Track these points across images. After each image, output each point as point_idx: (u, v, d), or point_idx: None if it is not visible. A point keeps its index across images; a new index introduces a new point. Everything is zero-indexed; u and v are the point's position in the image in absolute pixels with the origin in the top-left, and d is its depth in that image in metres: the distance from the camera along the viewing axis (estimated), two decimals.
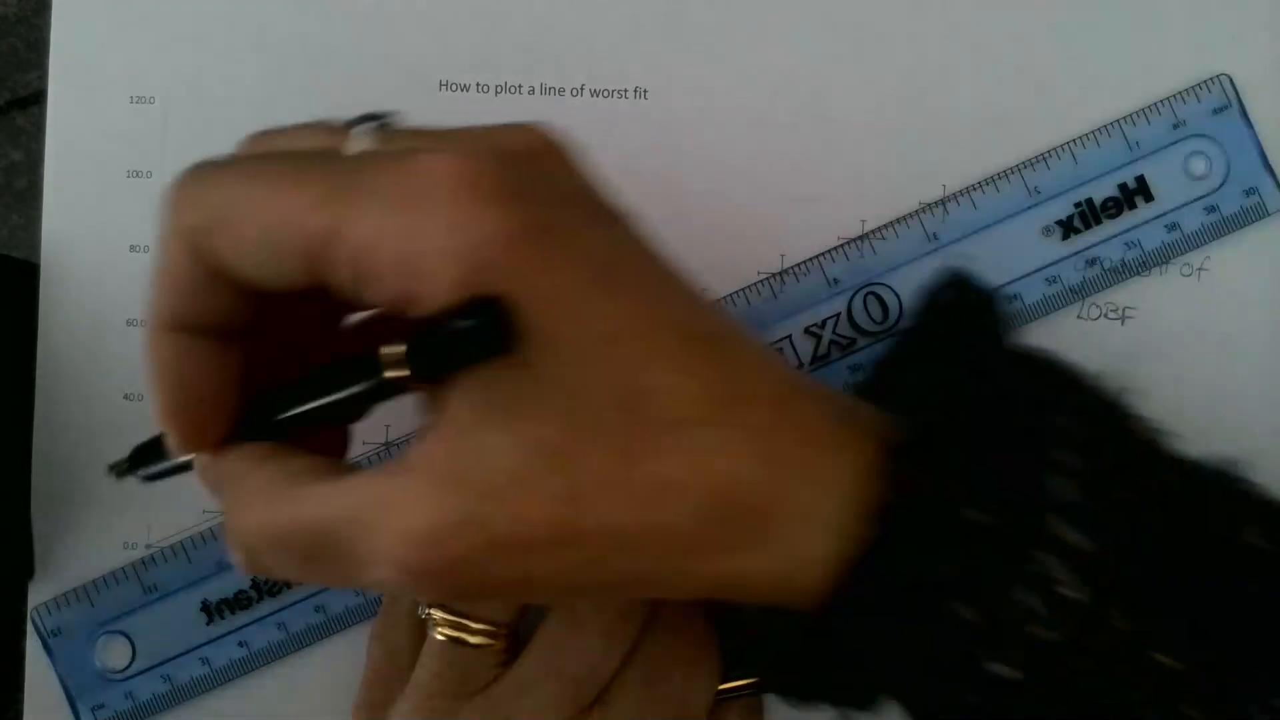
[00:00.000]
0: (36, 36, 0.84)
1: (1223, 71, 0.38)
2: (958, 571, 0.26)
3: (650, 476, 0.25)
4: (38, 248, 0.38)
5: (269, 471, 0.27)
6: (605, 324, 0.25)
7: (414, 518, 0.24)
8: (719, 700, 0.34)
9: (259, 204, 0.25)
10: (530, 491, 0.24)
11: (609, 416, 0.24)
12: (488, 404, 0.24)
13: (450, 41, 0.39)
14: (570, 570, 0.25)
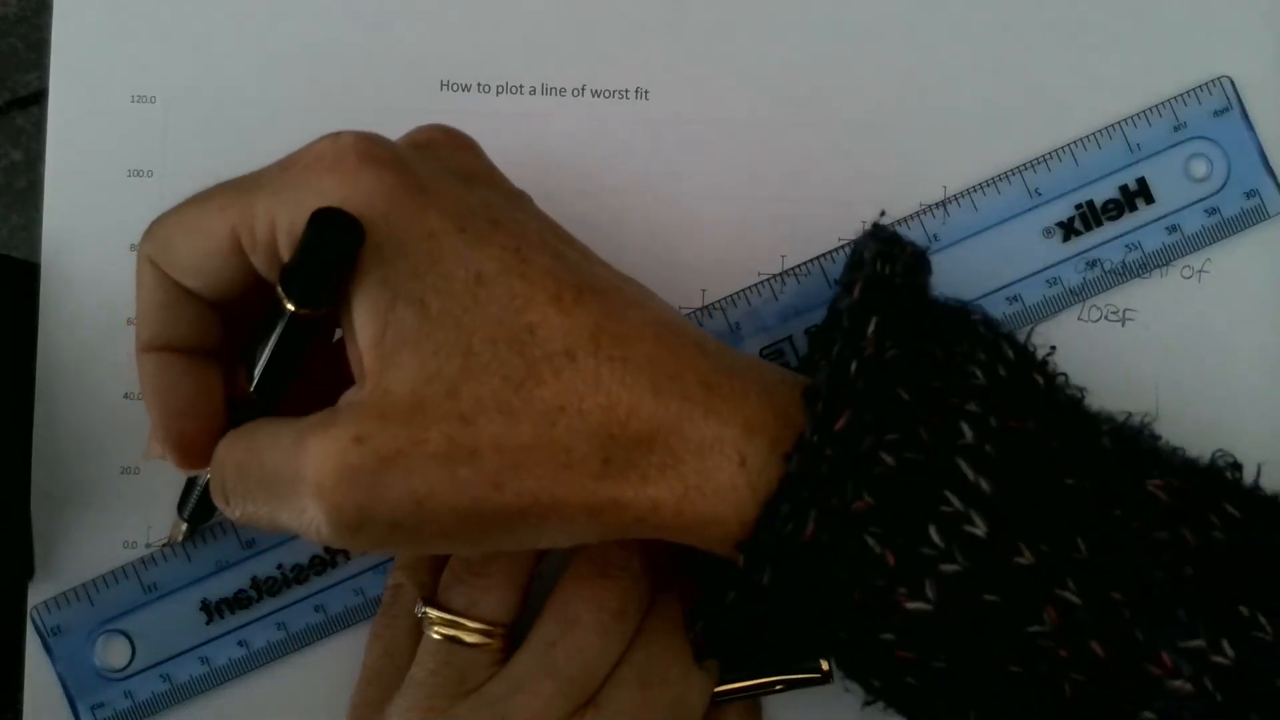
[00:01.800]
0: (37, 36, 0.84)
1: (1224, 74, 0.38)
2: (871, 509, 0.27)
3: (541, 401, 0.27)
4: (38, 248, 0.38)
5: (243, 436, 0.30)
6: (473, 267, 0.27)
7: (325, 445, 0.27)
8: (717, 701, 0.34)
9: (183, 224, 0.30)
10: (426, 414, 0.27)
11: (497, 350, 0.27)
12: (389, 345, 0.27)
13: (451, 41, 0.39)
14: (468, 490, 0.27)
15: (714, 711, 0.34)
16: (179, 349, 0.31)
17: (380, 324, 0.27)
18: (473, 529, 0.28)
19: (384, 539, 0.28)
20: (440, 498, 0.27)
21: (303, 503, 0.27)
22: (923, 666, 0.29)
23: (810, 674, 0.34)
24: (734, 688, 0.34)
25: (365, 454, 0.26)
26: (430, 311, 0.27)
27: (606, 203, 0.38)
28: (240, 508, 0.30)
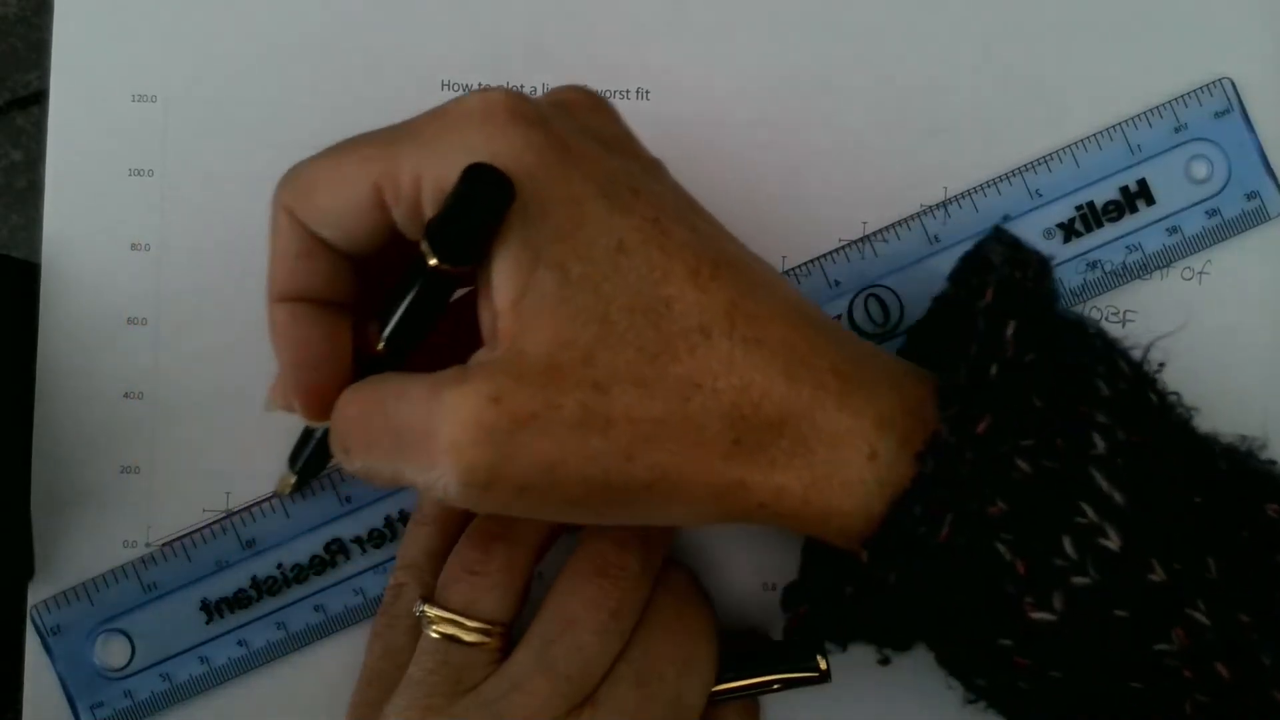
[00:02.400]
0: (37, 36, 0.84)
1: (1224, 75, 0.38)
2: (1004, 516, 0.27)
3: (675, 377, 0.27)
4: (38, 248, 0.38)
5: (370, 387, 0.30)
6: (615, 234, 0.27)
7: (461, 401, 0.26)
8: (715, 700, 0.34)
9: (325, 174, 0.30)
10: (561, 379, 0.27)
11: (634, 321, 0.27)
12: (527, 307, 0.27)
13: (452, 41, 0.39)
14: (599, 460, 0.27)
15: (712, 710, 0.34)
16: (311, 300, 0.31)
17: (520, 285, 0.27)
18: (597, 499, 0.28)
19: (510, 501, 0.27)
20: (571, 465, 0.27)
21: (432, 458, 0.27)
22: (1038, 674, 0.28)
23: (808, 673, 0.34)
24: (732, 686, 0.34)
25: (500, 414, 0.26)
26: (571, 276, 0.27)
27: None
28: (361, 459, 0.30)
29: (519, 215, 0.27)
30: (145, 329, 0.38)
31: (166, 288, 0.38)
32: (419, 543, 0.36)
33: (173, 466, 0.38)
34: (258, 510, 0.38)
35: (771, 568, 0.38)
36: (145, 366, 0.38)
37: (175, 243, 0.38)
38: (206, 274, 0.38)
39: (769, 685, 0.34)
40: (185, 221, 0.38)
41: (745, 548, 0.38)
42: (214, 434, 0.38)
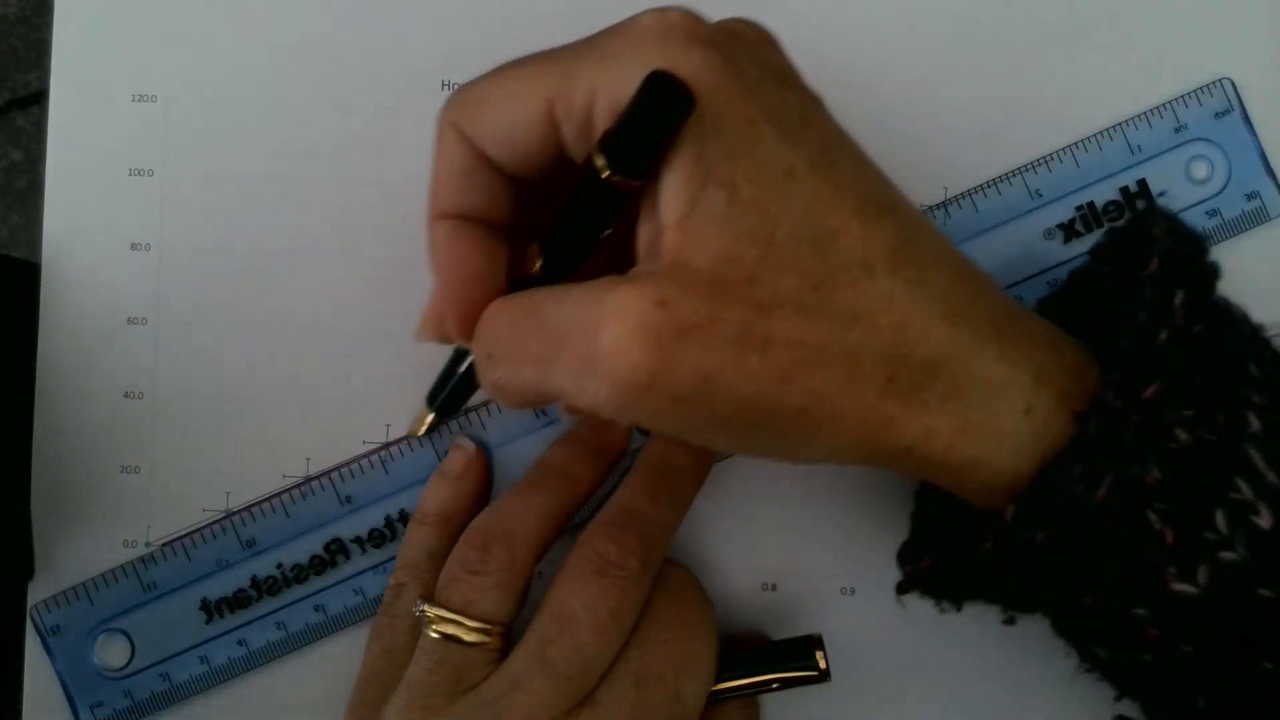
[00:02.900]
0: (37, 36, 0.84)
1: (1225, 75, 0.38)
2: (1159, 484, 0.27)
3: (836, 308, 0.27)
4: (38, 248, 0.38)
5: (522, 295, 0.30)
6: (784, 160, 0.27)
7: (628, 302, 0.26)
8: (714, 699, 0.34)
9: (497, 90, 0.30)
10: (725, 294, 0.26)
11: (799, 248, 0.27)
12: (695, 223, 0.27)
13: (453, 42, 0.39)
14: (756, 379, 0.26)
15: (712, 710, 0.34)
16: (472, 219, 0.31)
17: (689, 201, 0.27)
18: (747, 420, 0.27)
19: (661, 410, 0.27)
20: (728, 380, 0.26)
21: (592, 357, 0.27)
22: (1167, 648, 0.28)
23: (808, 672, 0.34)
24: (731, 686, 0.34)
25: (665, 319, 0.26)
26: (740, 196, 0.27)
27: None
28: (506, 367, 0.30)
29: (693, 131, 0.27)
30: (145, 329, 0.38)
31: (166, 288, 0.38)
32: (419, 543, 0.36)
33: (173, 466, 0.38)
34: (258, 510, 0.38)
35: (771, 568, 0.38)
36: (145, 366, 0.38)
37: (175, 243, 0.38)
38: (206, 274, 0.38)
39: (768, 685, 0.34)
40: (185, 221, 0.38)
41: (745, 548, 0.38)
42: (214, 434, 0.38)
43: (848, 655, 0.37)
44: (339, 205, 0.38)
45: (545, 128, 0.29)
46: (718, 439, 0.29)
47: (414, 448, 0.38)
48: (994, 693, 0.38)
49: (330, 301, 0.38)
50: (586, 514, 0.35)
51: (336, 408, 0.38)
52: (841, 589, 0.38)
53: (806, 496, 0.38)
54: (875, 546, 0.38)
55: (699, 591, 0.34)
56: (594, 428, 0.37)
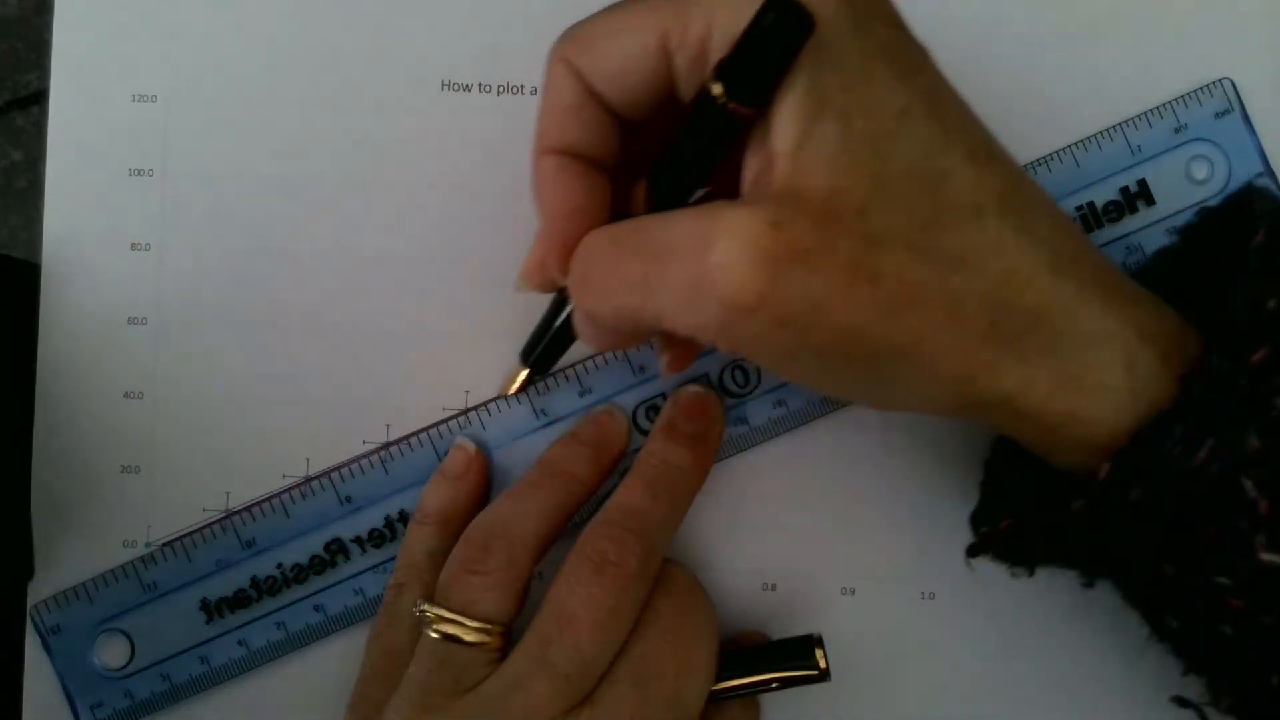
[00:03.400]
0: (37, 36, 0.84)
1: (1225, 75, 0.38)
2: (1259, 452, 0.27)
3: (943, 248, 0.27)
4: (38, 248, 0.38)
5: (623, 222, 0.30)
6: (898, 99, 0.27)
7: (742, 221, 0.26)
8: (714, 699, 0.34)
9: (611, 24, 0.30)
10: (836, 224, 0.26)
11: (910, 186, 0.27)
12: (807, 153, 0.27)
13: (452, 42, 0.39)
14: (861, 310, 0.26)
15: (711, 709, 0.34)
16: (578, 155, 0.31)
17: (803, 131, 0.27)
18: (846, 354, 0.27)
19: (763, 336, 0.27)
20: (834, 308, 0.26)
21: (697, 275, 0.26)
22: (1247, 619, 0.28)
23: (808, 672, 0.34)
24: (731, 685, 0.34)
25: (779, 240, 0.26)
26: (853, 129, 0.27)
27: None
28: (603, 289, 0.29)
29: (810, 62, 0.26)
30: (145, 329, 0.38)
31: (166, 288, 0.38)
32: (419, 543, 0.36)
33: (173, 466, 0.38)
34: (258, 510, 0.38)
35: (771, 568, 0.38)
36: (145, 366, 0.38)
37: (175, 243, 0.38)
38: (206, 274, 0.38)
39: (768, 684, 0.34)
40: (185, 221, 0.38)
41: (745, 548, 0.38)
42: (214, 434, 0.38)
43: (848, 655, 0.37)
44: (339, 205, 0.38)
45: (657, 62, 0.29)
46: (810, 372, 0.29)
47: (414, 448, 0.38)
48: (994, 692, 0.38)
49: (330, 301, 0.38)
50: (586, 514, 0.35)
51: (336, 408, 0.38)
52: (841, 589, 0.38)
53: (806, 496, 0.38)
54: (875, 546, 0.38)
55: (699, 591, 0.34)
56: (594, 427, 0.37)
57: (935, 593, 0.38)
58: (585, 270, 0.30)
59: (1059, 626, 0.38)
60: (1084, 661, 0.38)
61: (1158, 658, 0.34)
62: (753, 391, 0.37)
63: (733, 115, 0.27)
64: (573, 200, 0.31)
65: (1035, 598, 0.38)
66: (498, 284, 0.38)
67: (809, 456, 0.38)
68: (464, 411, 0.38)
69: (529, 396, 0.38)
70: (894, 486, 0.38)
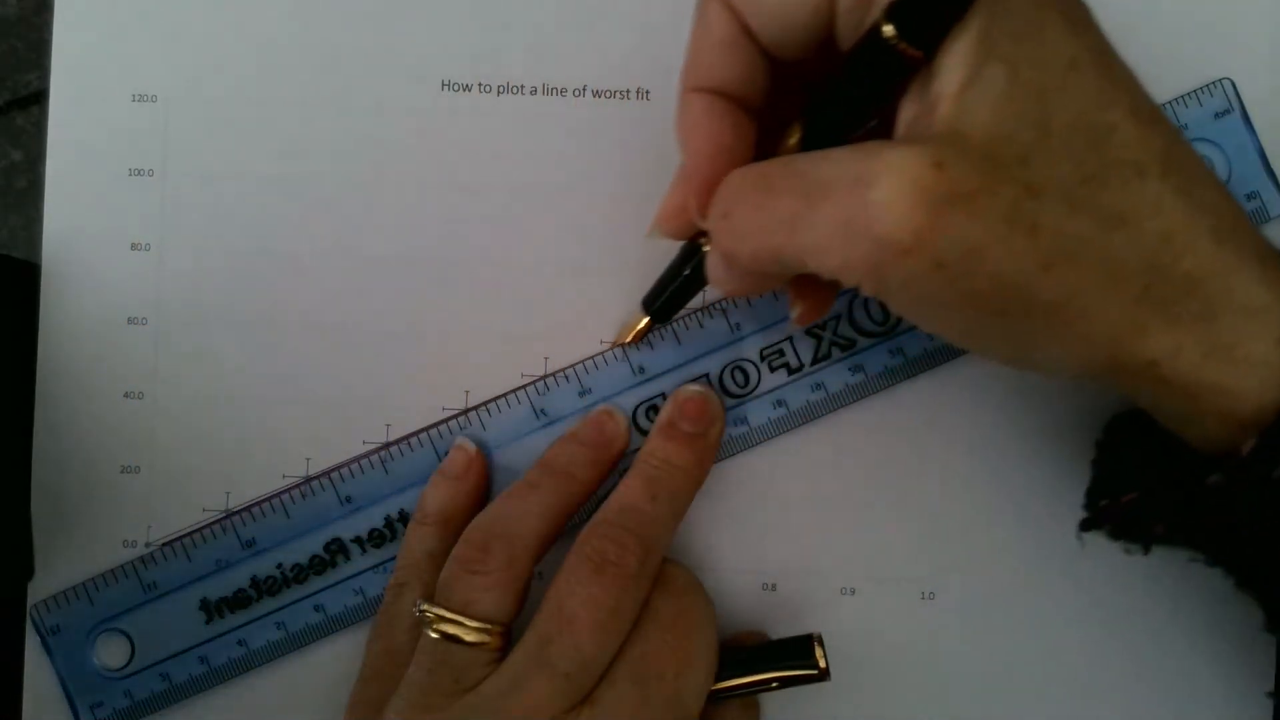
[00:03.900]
0: (37, 36, 0.84)
1: (1224, 76, 0.38)
2: None
3: (1104, 205, 0.26)
4: (38, 248, 0.38)
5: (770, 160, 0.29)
6: (1068, 50, 0.27)
7: (904, 158, 0.26)
8: (714, 698, 0.34)
9: None
10: (998, 170, 0.26)
11: (1074, 139, 0.26)
12: (971, 97, 0.26)
13: (452, 41, 0.39)
14: (1018, 260, 0.26)
15: (711, 709, 0.34)
16: (729, 95, 0.30)
17: (969, 75, 0.26)
18: (997, 305, 0.27)
19: (915, 279, 0.26)
20: (991, 255, 0.26)
21: (852, 212, 0.26)
22: None
23: (807, 671, 0.34)
24: (731, 685, 0.34)
25: (941, 181, 0.25)
26: (1020, 78, 0.26)
27: (606, 202, 0.38)
28: (746, 226, 0.29)
29: (983, 8, 0.26)
30: (145, 329, 0.38)
31: (166, 288, 0.38)
32: (419, 543, 0.36)
33: (173, 466, 0.38)
34: (258, 510, 0.38)
35: (771, 568, 0.38)
36: (145, 366, 0.38)
37: (175, 243, 0.38)
38: (206, 274, 0.38)
39: (768, 683, 0.34)
40: (185, 221, 0.38)
41: (745, 548, 0.38)
42: (214, 434, 0.38)
43: (848, 655, 0.37)
44: (339, 205, 0.38)
45: (820, 1, 0.28)
46: (954, 323, 0.28)
47: (414, 448, 0.38)
48: (994, 692, 0.38)
49: (330, 301, 0.38)
50: (586, 514, 0.35)
51: (336, 408, 0.38)
52: (841, 589, 0.38)
53: (806, 496, 0.38)
54: (875, 546, 0.38)
55: (699, 591, 0.34)
56: (594, 428, 0.37)
57: (935, 593, 0.38)
58: (729, 208, 0.29)
59: (1059, 626, 0.38)
60: (1084, 661, 0.38)
61: (1159, 657, 0.34)
62: (753, 391, 0.37)
63: (902, 57, 0.27)
64: (721, 140, 0.30)
65: (1036, 598, 0.38)
66: (498, 284, 0.38)
67: (809, 456, 0.38)
68: (464, 411, 0.38)
69: (529, 396, 0.38)
70: (894, 486, 0.38)
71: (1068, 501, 0.34)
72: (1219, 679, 0.37)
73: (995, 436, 0.38)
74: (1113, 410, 0.33)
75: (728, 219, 0.29)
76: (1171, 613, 0.37)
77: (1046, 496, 0.37)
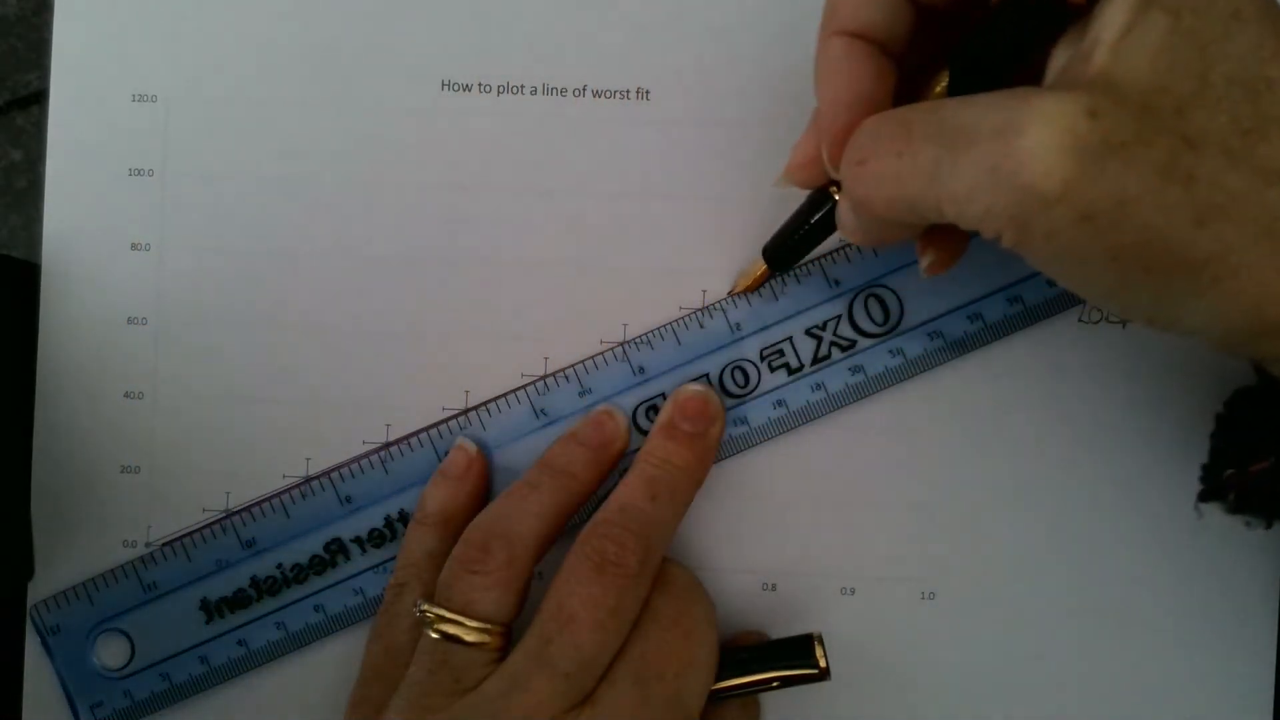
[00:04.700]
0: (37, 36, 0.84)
1: None
2: None
3: (1262, 158, 0.25)
4: (38, 248, 0.38)
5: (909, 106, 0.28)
6: (1235, 1, 0.26)
7: (1058, 105, 0.25)
8: (715, 698, 0.34)
9: None
10: (1154, 120, 0.25)
11: (1232, 90, 0.25)
12: (1130, 44, 0.25)
13: (452, 41, 0.39)
14: (1171, 212, 0.25)
15: (712, 709, 0.34)
16: (871, 39, 0.30)
17: (1128, 20, 0.25)
18: (1145, 261, 0.26)
19: (1061, 230, 0.25)
20: (1143, 207, 0.25)
21: (1000, 158, 0.25)
22: None
23: (808, 670, 0.34)
24: (731, 684, 0.34)
25: (1096, 129, 0.25)
26: (1182, 26, 0.25)
27: (606, 203, 0.38)
28: (882, 176, 0.28)
29: None
30: (145, 329, 0.38)
31: (166, 288, 0.38)
32: (419, 543, 0.36)
33: (173, 466, 0.38)
34: (258, 510, 0.38)
35: (771, 568, 0.38)
36: (145, 366, 0.38)
37: (175, 243, 0.38)
38: (206, 274, 0.38)
39: (768, 683, 0.34)
40: (185, 221, 0.38)
41: (745, 548, 0.38)
42: (214, 434, 0.38)
43: (848, 655, 0.37)
44: (339, 205, 0.38)
45: None
46: (1097, 278, 0.27)
47: (414, 448, 0.38)
48: (994, 692, 0.38)
49: (330, 301, 0.38)
50: (586, 514, 0.35)
51: (336, 408, 0.38)
52: (841, 589, 0.38)
53: (806, 496, 0.38)
54: (875, 546, 0.38)
55: (700, 591, 0.34)
56: (594, 427, 0.37)
57: (935, 593, 0.38)
58: (865, 153, 0.29)
59: (1060, 626, 0.38)
60: (1085, 661, 0.38)
61: (1160, 657, 0.34)
62: (753, 391, 0.37)
63: (1063, 3, 0.26)
64: (860, 86, 0.29)
65: (1036, 597, 0.38)
66: (498, 284, 0.38)
67: (809, 456, 0.38)
68: (464, 411, 0.38)
69: (529, 396, 0.38)
70: (894, 486, 0.38)
71: (1068, 501, 0.34)
72: (1219, 679, 0.37)
73: (995, 436, 0.38)
74: (1118, 408, 0.33)
75: (863, 165, 0.29)
76: (1172, 613, 0.37)
77: (1047, 496, 0.37)
